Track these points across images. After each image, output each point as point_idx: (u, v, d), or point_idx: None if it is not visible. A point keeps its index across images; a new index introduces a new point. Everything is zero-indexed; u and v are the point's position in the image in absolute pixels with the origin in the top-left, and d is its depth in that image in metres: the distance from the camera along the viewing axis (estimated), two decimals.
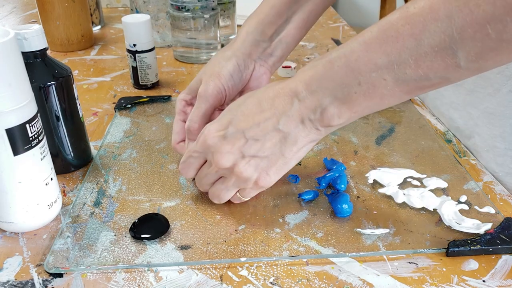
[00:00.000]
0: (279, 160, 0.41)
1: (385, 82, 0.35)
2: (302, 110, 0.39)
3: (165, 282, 0.39)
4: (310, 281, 0.39)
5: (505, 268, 0.40)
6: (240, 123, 0.41)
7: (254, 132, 0.40)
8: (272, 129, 0.40)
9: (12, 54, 0.38)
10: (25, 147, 0.40)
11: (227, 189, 0.44)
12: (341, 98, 0.37)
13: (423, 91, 0.36)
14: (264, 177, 0.42)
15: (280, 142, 0.40)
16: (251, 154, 0.41)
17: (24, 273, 0.40)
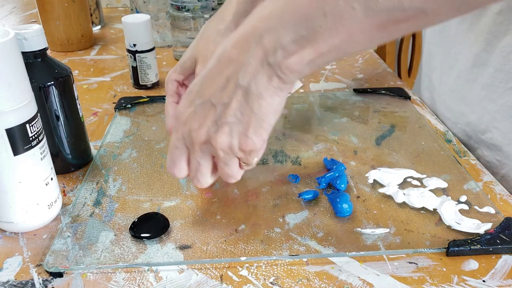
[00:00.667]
0: (252, 119, 0.37)
1: (354, 12, 0.31)
2: (259, 53, 0.34)
3: (165, 282, 0.39)
4: (310, 281, 0.39)
5: (505, 268, 0.40)
6: (205, 92, 0.37)
7: (219, 97, 0.36)
8: (235, 87, 0.36)
9: (12, 54, 0.38)
10: (25, 147, 0.40)
11: (226, 165, 0.40)
12: (304, 34, 0.32)
13: (397, 27, 0.31)
14: (245, 141, 0.37)
15: (245, 99, 0.36)
16: (223, 121, 0.37)
17: (24, 273, 0.40)
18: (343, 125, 0.62)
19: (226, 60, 0.36)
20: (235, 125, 0.37)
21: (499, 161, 0.56)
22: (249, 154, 0.39)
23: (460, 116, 0.61)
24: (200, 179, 0.41)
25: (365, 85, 0.75)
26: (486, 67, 0.56)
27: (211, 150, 0.39)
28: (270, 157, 0.55)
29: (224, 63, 0.36)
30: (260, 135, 0.38)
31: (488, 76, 0.56)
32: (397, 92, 0.70)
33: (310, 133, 0.60)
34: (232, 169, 0.40)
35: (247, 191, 0.49)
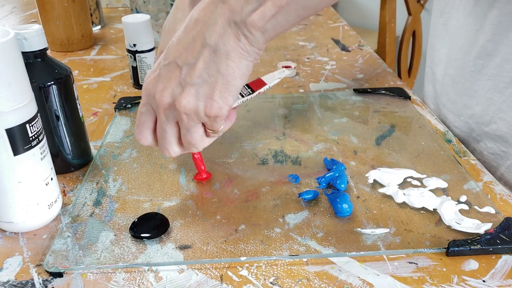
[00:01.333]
0: (219, 80, 0.36)
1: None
2: (226, 12, 0.35)
3: (165, 282, 0.39)
4: (310, 281, 0.39)
5: (505, 268, 0.40)
6: (171, 54, 0.37)
7: (184, 56, 0.36)
8: (201, 46, 0.35)
9: (12, 54, 0.38)
10: (25, 147, 0.40)
11: (188, 131, 0.39)
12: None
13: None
14: (210, 104, 0.37)
15: (212, 59, 0.36)
16: (188, 83, 0.36)
17: (24, 273, 0.40)
18: (343, 125, 0.62)
19: (193, 22, 0.36)
20: (201, 87, 0.36)
21: (504, 152, 0.57)
22: (214, 120, 0.38)
23: (464, 108, 0.61)
24: (167, 148, 0.41)
25: (365, 85, 0.75)
26: (492, 58, 0.56)
27: (175, 115, 0.38)
28: (270, 157, 0.55)
29: (191, 25, 0.36)
30: (225, 99, 0.37)
31: (494, 66, 0.56)
32: (397, 92, 0.70)
33: (310, 133, 0.60)
34: (195, 136, 0.40)
35: (247, 191, 0.49)
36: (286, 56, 0.88)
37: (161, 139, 0.41)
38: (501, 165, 0.56)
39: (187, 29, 0.36)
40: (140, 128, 0.41)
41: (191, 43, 0.36)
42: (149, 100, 0.39)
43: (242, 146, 0.57)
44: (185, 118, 0.38)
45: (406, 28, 1.26)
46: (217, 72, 0.36)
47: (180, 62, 0.36)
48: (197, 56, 0.36)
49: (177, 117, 0.39)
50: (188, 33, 0.36)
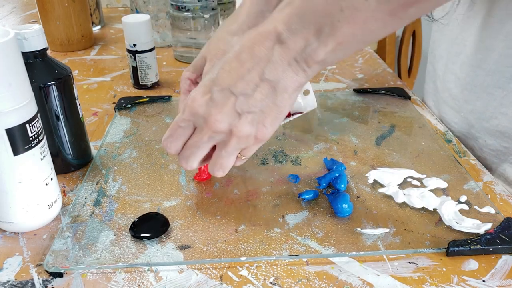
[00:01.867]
0: (273, 110, 0.39)
1: (367, 3, 0.33)
2: (286, 53, 0.36)
3: (165, 282, 0.39)
4: (310, 281, 0.39)
5: (505, 268, 0.40)
6: (224, 81, 0.38)
7: (241, 87, 0.38)
8: (258, 80, 0.37)
9: (12, 54, 0.38)
10: (25, 147, 0.40)
11: (229, 155, 0.41)
12: (325, 30, 0.35)
13: (407, 12, 0.34)
14: (262, 130, 0.39)
15: (271, 92, 0.38)
16: (245, 110, 0.38)
17: (24, 273, 0.40)
18: (343, 125, 0.62)
19: (247, 55, 0.37)
20: (257, 115, 0.39)
21: (506, 147, 0.57)
22: (257, 144, 0.41)
23: (464, 104, 0.61)
24: (190, 162, 0.43)
25: (365, 85, 0.75)
26: (490, 53, 0.56)
27: (220, 138, 0.40)
28: (270, 157, 0.55)
29: (245, 56, 0.37)
30: (275, 126, 0.40)
31: (493, 61, 0.56)
32: (397, 92, 0.70)
33: (310, 133, 0.60)
34: (231, 160, 0.42)
35: (247, 191, 0.49)
36: None
37: (189, 154, 0.43)
38: (504, 160, 0.56)
39: (241, 60, 0.38)
40: (173, 139, 0.43)
41: (247, 74, 0.37)
42: (195, 119, 0.40)
43: None
44: (234, 143, 0.40)
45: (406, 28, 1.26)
46: (273, 103, 0.38)
47: (236, 91, 0.38)
48: (255, 88, 0.38)
49: (222, 139, 0.41)
50: (242, 64, 0.38)
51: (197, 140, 0.41)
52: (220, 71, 0.39)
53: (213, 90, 0.39)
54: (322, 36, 0.35)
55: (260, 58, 0.37)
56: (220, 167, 0.42)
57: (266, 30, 0.37)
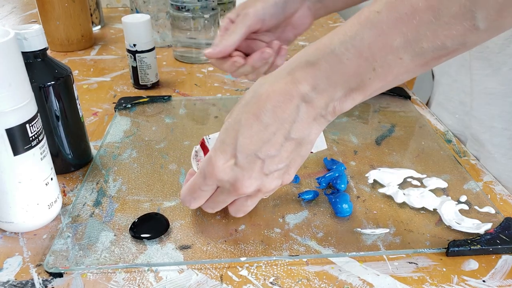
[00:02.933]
0: (298, 161, 0.39)
1: (401, 61, 0.33)
2: (312, 111, 0.36)
3: (165, 282, 0.39)
4: (310, 281, 0.39)
5: (505, 268, 0.40)
6: (248, 147, 0.37)
7: (267, 150, 0.37)
8: (284, 140, 0.37)
9: (12, 54, 0.38)
10: (25, 147, 0.40)
11: (254, 203, 0.42)
12: (354, 87, 0.35)
13: (439, 61, 0.34)
14: (287, 178, 0.40)
15: (296, 148, 0.38)
16: (271, 171, 0.38)
17: (24, 273, 0.40)
18: (343, 125, 0.62)
19: (270, 118, 0.36)
20: (283, 170, 0.39)
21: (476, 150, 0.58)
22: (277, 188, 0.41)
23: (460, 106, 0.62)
24: (216, 210, 0.43)
25: None
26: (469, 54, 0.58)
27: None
28: None
29: (267, 120, 0.36)
30: (296, 170, 0.40)
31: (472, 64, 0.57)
32: (397, 91, 0.70)
33: None
34: (253, 206, 0.42)
35: None
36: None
37: (215, 206, 0.43)
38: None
39: (263, 123, 0.36)
40: (195, 199, 0.42)
41: (272, 137, 0.36)
42: (220, 184, 0.40)
43: None
44: (260, 195, 0.40)
45: None
46: (298, 156, 0.38)
47: (262, 155, 0.37)
48: (280, 148, 0.37)
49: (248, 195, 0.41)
50: (266, 127, 0.36)
51: (224, 198, 0.41)
52: (241, 137, 0.37)
53: (237, 157, 0.37)
54: (350, 92, 0.35)
55: (285, 120, 0.36)
56: (244, 212, 0.43)
57: (288, 90, 0.36)
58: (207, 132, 0.60)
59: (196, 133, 0.60)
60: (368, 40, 0.32)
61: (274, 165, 0.38)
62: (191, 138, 0.59)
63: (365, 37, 0.33)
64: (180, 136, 0.60)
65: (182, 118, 0.64)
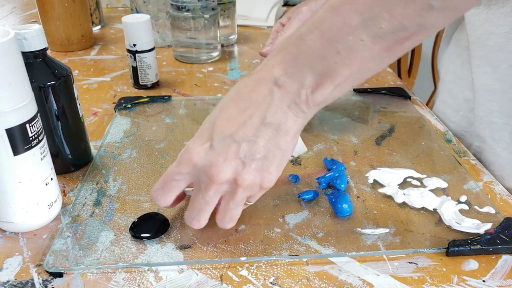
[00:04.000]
0: (277, 155, 0.38)
1: (363, 42, 0.33)
2: (285, 96, 0.36)
3: (165, 282, 0.39)
4: (310, 281, 0.39)
5: (505, 268, 0.40)
6: (223, 129, 0.37)
7: (242, 133, 0.37)
8: (260, 124, 0.37)
9: (12, 54, 0.38)
10: (25, 147, 0.40)
11: (237, 205, 0.40)
12: (322, 72, 0.35)
13: (402, 46, 0.34)
14: (268, 177, 0.38)
15: (274, 136, 0.37)
16: (249, 158, 0.37)
17: (24, 273, 0.40)
18: (343, 125, 0.62)
19: (246, 102, 0.37)
20: (261, 162, 0.38)
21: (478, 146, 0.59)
22: (262, 191, 0.40)
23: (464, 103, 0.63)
24: (200, 221, 0.41)
25: (365, 85, 0.75)
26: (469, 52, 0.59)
27: (225, 189, 0.39)
28: None
29: (244, 103, 0.37)
30: (279, 171, 0.39)
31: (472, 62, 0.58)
32: (397, 92, 0.70)
33: (310, 133, 0.60)
34: (239, 210, 0.41)
35: None
36: None
37: (198, 211, 0.40)
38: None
39: (240, 107, 0.37)
40: (165, 193, 0.41)
41: (248, 120, 0.37)
42: (194, 172, 0.38)
43: None
44: (240, 193, 0.38)
45: None
46: (276, 148, 0.38)
47: (238, 138, 0.37)
48: (257, 133, 0.37)
49: (228, 190, 0.39)
50: (242, 111, 0.37)
51: (203, 196, 0.39)
52: (219, 121, 0.37)
53: (213, 139, 0.37)
54: (319, 78, 0.35)
55: (260, 103, 0.37)
56: (230, 220, 0.41)
57: (262, 76, 0.37)
58: None
59: None
60: (328, 21, 0.34)
61: (250, 151, 0.37)
62: (191, 138, 0.59)
63: (326, 19, 0.34)
64: (180, 136, 0.60)
65: (182, 118, 0.64)
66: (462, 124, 0.63)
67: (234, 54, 0.90)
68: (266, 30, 1.04)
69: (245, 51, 0.91)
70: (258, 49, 0.91)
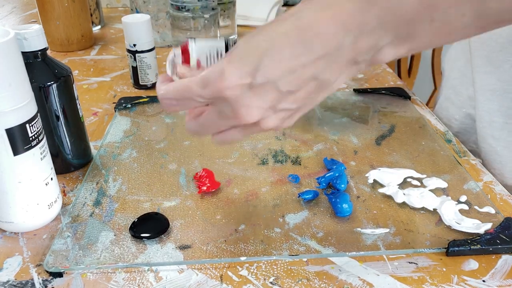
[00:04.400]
0: (309, 107, 0.35)
1: (464, 18, 0.30)
2: (351, 52, 0.32)
3: (165, 282, 0.39)
4: (310, 281, 0.39)
5: (505, 268, 0.40)
6: (271, 71, 0.32)
7: (288, 83, 0.32)
8: (310, 77, 0.32)
9: (12, 54, 0.38)
10: (25, 147, 0.40)
11: (242, 136, 0.37)
12: (405, 35, 0.31)
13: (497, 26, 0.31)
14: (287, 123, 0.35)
15: (316, 91, 0.33)
16: (283, 108, 0.34)
17: (24, 273, 0.40)
18: (343, 125, 0.62)
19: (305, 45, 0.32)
20: (291, 112, 0.35)
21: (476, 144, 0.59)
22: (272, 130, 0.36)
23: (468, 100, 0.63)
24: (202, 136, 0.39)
25: (365, 85, 0.75)
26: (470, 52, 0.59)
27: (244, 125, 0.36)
28: (270, 157, 0.55)
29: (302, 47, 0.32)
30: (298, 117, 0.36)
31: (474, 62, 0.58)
32: (397, 92, 0.70)
33: (310, 133, 0.60)
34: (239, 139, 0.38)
35: (247, 191, 0.49)
36: None
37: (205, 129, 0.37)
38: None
39: (295, 50, 0.32)
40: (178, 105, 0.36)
41: (300, 69, 0.32)
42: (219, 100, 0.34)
43: (242, 146, 0.57)
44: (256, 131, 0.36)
45: None
46: (312, 102, 0.35)
47: (282, 87, 0.32)
48: (302, 85, 0.33)
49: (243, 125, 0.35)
50: (297, 55, 0.32)
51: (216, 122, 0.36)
52: (267, 59, 0.32)
53: (255, 78, 0.32)
54: (398, 41, 0.32)
55: (319, 55, 0.32)
56: (228, 142, 0.37)
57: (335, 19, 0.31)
58: None
59: None
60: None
61: (287, 103, 0.34)
62: (191, 138, 0.59)
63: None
64: (180, 136, 0.60)
65: (182, 118, 0.64)
66: (465, 121, 0.63)
67: None
68: None
69: None
70: None
